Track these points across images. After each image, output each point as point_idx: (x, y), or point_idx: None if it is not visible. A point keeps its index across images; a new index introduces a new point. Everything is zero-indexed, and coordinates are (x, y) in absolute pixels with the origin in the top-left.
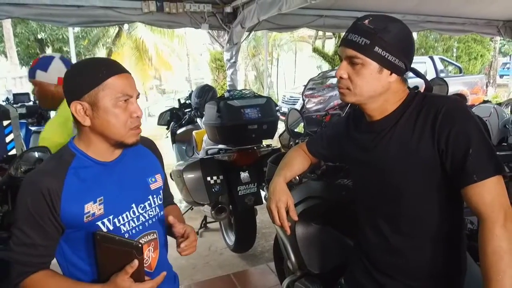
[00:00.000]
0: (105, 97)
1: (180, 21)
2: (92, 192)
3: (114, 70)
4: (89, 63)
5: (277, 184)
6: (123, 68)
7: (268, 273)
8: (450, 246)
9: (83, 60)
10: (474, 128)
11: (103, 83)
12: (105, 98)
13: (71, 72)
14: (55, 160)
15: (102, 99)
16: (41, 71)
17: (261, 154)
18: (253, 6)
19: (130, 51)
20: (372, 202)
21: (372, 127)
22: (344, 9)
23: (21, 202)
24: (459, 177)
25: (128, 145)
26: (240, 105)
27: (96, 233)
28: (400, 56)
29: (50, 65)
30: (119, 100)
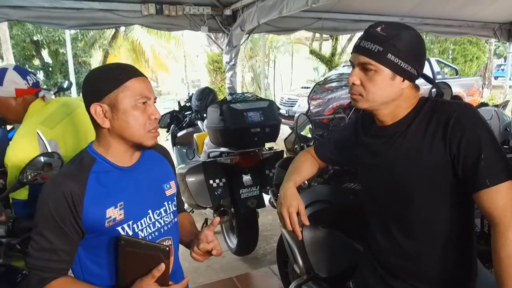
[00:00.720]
0: (124, 98)
1: (180, 24)
2: (113, 197)
3: (133, 73)
4: (108, 67)
5: (288, 189)
6: (140, 72)
7: (270, 276)
8: (461, 250)
9: (100, 66)
10: (486, 134)
11: (123, 85)
12: (124, 100)
13: (90, 76)
14: (75, 165)
15: (122, 101)
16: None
17: (263, 157)
18: (253, 9)
19: (127, 53)
20: (383, 206)
21: (383, 132)
22: (343, 11)
23: (42, 206)
24: (472, 182)
25: (146, 147)
26: (243, 108)
27: (121, 237)
28: (413, 63)
29: (4, 78)
30: (138, 102)
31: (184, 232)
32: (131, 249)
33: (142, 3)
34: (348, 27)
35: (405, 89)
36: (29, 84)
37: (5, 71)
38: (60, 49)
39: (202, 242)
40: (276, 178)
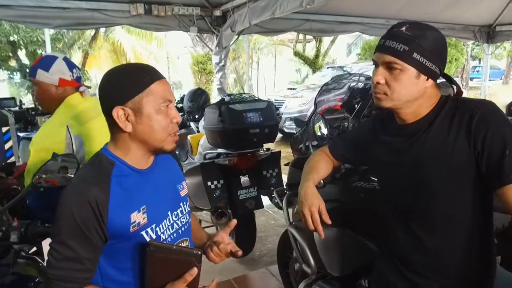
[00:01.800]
0: (149, 103)
1: (169, 24)
2: (135, 201)
3: (156, 76)
4: (130, 69)
5: (308, 188)
6: (161, 74)
7: (268, 277)
8: (482, 246)
9: (120, 66)
10: (510, 131)
11: (147, 89)
12: (148, 104)
13: (112, 77)
14: (95, 169)
15: (146, 105)
16: (43, 70)
17: (261, 158)
18: (245, 10)
19: (108, 53)
20: (405, 203)
21: (404, 130)
22: (330, 13)
23: (64, 213)
24: (496, 178)
25: (166, 151)
26: (242, 109)
27: (150, 243)
28: (436, 62)
29: (52, 65)
30: (161, 105)
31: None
32: (161, 255)
33: (131, 3)
34: (336, 28)
35: (429, 88)
36: (73, 77)
37: (55, 59)
38: (38, 49)
39: (222, 243)
40: (289, 177)
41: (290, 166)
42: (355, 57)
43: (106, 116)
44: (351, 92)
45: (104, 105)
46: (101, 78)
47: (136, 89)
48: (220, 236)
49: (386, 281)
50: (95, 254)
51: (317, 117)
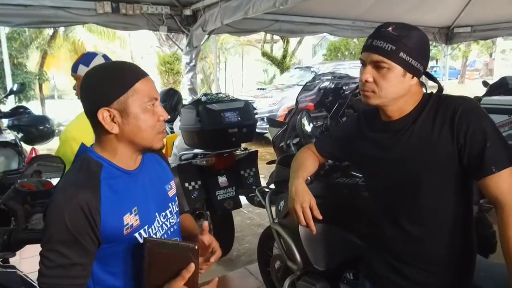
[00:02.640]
0: (134, 102)
1: (137, 23)
2: (126, 203)
3: (140, 74)
4: (113, 68)
5: (299, 184)
6: (144, 71)
7: (247, 276)
8: (464, 234)
9: (101, 66)
10: (489, 125)
11: (132, 88)
12: (134, 104)
13: (91, 79)
14: (83, 172)
15: (132, 105)
16: (84, 66)
17: (239, 157)
18: (216, 10)
19: (68, 53)
20: (392, 197)
21: (390, 127)
22: (299, 14)
23: (55, 219)
24: (478, 169)
25: (155, 150)
26: (220, 108)
27: (146, 239)
28: (421, 60)
29: (92, 61)
30: (147, 104)
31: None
32: (158, 251)
33: (97, 0)
34: (305, 29)
35: (413, 85)
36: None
37: (95, 56)
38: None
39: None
40: (276, 175)
41: (277, 164)
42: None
43: (90, 118)
44: (323, 92)
45: (87, 107)
46: (83, 79)
47: (120, 89)
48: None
49: (375, 273)
50: (89, 260)
51: (303, 114)
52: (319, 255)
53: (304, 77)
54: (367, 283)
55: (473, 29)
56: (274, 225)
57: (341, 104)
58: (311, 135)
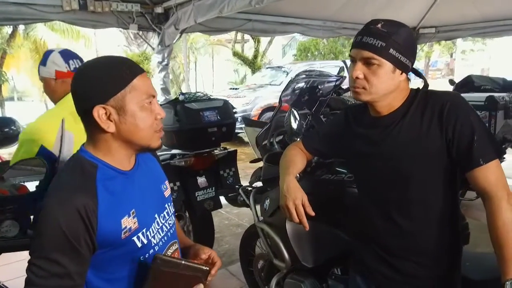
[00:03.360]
0: (132, 99)
1: (106, 21)
2: (124, 205)
3: (137, 70)
4: (109, 63)
5: (290, 182)
6: (141, 67)
7: (228, 277)
8: (452, 225)
9: (95, 60)
10: (476, 119)
11: (130, 85)
12: (132, 101)
13: (87, 74)
14: (78, 173)
15: (130, 102)
16: (41, 65)
17: (218, 157)
18: (189, 8)
19: (29, 53)
20: (382, 191)
21: (379, 122)
22: (272, 14)
23: (50, 226)
24: (466, 162)
25: (153, 149)
26: (198, 108)
27: (156, 256)
28: (409, 57)
29: (48, 59)
30: (145, 102)
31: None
32: (167, 270)
33: None
34: (277, 29)
35: (402, 81)
36: (70, 68)
37: (50, 53)
38: None
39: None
40: (264, 173)
41: (264, 162)
42: (290, 58)
43: (83, 116)
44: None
45: (80, 105)
46: (75, 74)
47: (118, 85)
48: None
49: (366, 267)
50: (84, 267)
51: (290, 112)
52: (307, 252)
53: (276, 77)
54: (357, 277)
55: (437, 30)
56: (259, 223)
57: (321, 102)
58: (298, 132)
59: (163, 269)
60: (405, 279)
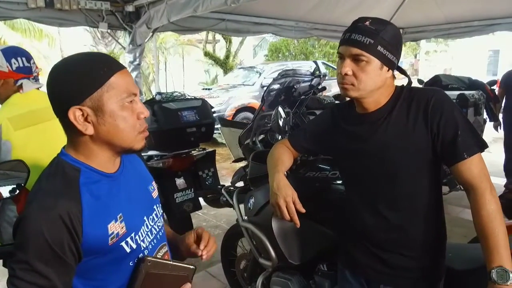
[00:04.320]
0: (110, 99)
1: (74, 19)
2: (110, 209)
3: (115, 67)
4: (84, 60)
5: (281, 179)
6: (121, 64)
7: (209, 279)
8: (438, 217)
9: (71, 58)
10: (460, 114)
11: (107, 83)
12: (110, 100)
13: (61, 73)
14: (59, 178)
15: (108, 102)
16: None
17: (197, 158)
18: (162, 6)
19: None
20: (370, 186)
21: (366, 119)
22: (245, 14)
23: (32, 234)
24: (451, 155)
25: (136, 151)
26: (176, 107)
27: (145, 259)
28: (395, 54)
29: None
30: (125, 100)
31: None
32: (156, 271)
33: None
34: (251, 29)
35: (389, 78)
36: (12, 68)
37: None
38: None
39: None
40: (251, 171)
41: (251, 161)
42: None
43: (60, 118)
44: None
45: (56, 106)
46: (49, 74)
47: (94, 84)
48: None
49: (355, 261)
50: (70, 276)
51: (278, 110)
52: (293, 249)
53: (248, 77)
54: (347, 271)
55: (404, 31)
56: (244, 223)
57: (302, 101)
58: (285, 130)
59: (152, 271)
60: (394, 271)
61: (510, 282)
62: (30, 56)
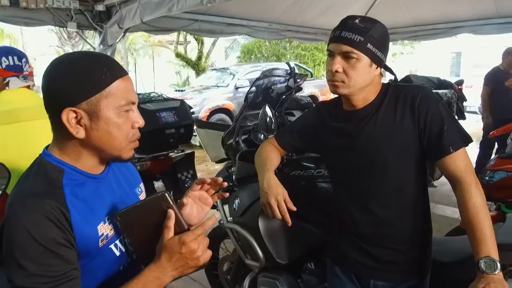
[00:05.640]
0: (108, 105)
1: (41, 18)
2: (98, 211)
3: (118, 72)
4: (86, 61)
5: (271, 178)
6: (124, 69)
7: (190, 283)
8: (424, 211)
9: (72, 55)
10: (445, 109)
11: (107, 89)
12: (108, 107)
13: (60, 71)
14: (41, 178)
15: (105, 108)
16: None
17: (176, 160)
18: (134, 6)
19: None
20: (359, 183)
21: (353, 116)
22: (218, 15)
23: (20, 240)
24: (437, 150)
25: (123, 160)
26: (154, 108)
27: (117, 214)
28: (384, 51)
29: None
30: (123, 108)
31: None
32: (132, 220)
33: None
34: (224, 30)
35: (377, 75)
36: (1, 66)
37: None
38: None
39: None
40: (238, 172)
41: (238, 160)
42: (234, 60)
43: (51, 117)
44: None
45: (49, 104)
46: (47, 69)
47: (93, 88)
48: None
49: (345, 257)
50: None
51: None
52: (281, 248)
53: (222, 79)
54: (336, 267)
55: None
56: (229, 224)
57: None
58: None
59: (127, 221)
60: (384, 265)
61: (498, 271)
62: (23, 55)
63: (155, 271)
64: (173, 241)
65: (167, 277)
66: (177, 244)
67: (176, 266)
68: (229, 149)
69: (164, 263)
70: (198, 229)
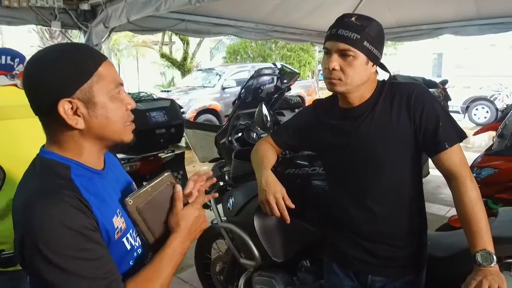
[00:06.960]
0: (101, 89)
1: (24, 17)
2: (110, 205)
3: (100, 57)
4: (68, 51)
5: (269, 176)
6: (103, 54)
7: (180, 284)
8: (420, 207)
9: (50, 49)
10: (440, 106)
11: (96, 73)
12: (101, 91)
13: (45, 64)
14: (49, 176)
15: (98, 93)
16: None
17: (165, 160)
18: (121, 5)
19: None
20: (355, 181)
21: (350, 113)
22: (205, 15)
23: (51, 230)
24: (433, 146)
25: (126, 143)
26: (144, 108)
27: (126, 201)
28: (380, 49)
29: None
30: (114, 91)
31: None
32: (143, 202)
33: None
34: (211, 30)
35: (373, 73)
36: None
37: None
38: None
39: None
40: (234, 170)
41: (233, 159)
42: (219, 61)
43: (43, 115)
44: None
45: (40, 100)
46: (27, 67)
47: (83, 74)
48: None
49: (342, 254)
50: None
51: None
52: (277, 246)
53: (208, 79)
54: (334, 264)
55: None
56: (224, 223)
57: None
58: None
59: (140, 206)
60: (381, 261)
61: (494, 263)
62: (18, 55)
63: (178, 238)
64: (188, 209)
65: (188, 241)
66: (192, 210)
67: (192, 230)
68: (222, 148)
69: (185, 229)
70: (199, 198)
